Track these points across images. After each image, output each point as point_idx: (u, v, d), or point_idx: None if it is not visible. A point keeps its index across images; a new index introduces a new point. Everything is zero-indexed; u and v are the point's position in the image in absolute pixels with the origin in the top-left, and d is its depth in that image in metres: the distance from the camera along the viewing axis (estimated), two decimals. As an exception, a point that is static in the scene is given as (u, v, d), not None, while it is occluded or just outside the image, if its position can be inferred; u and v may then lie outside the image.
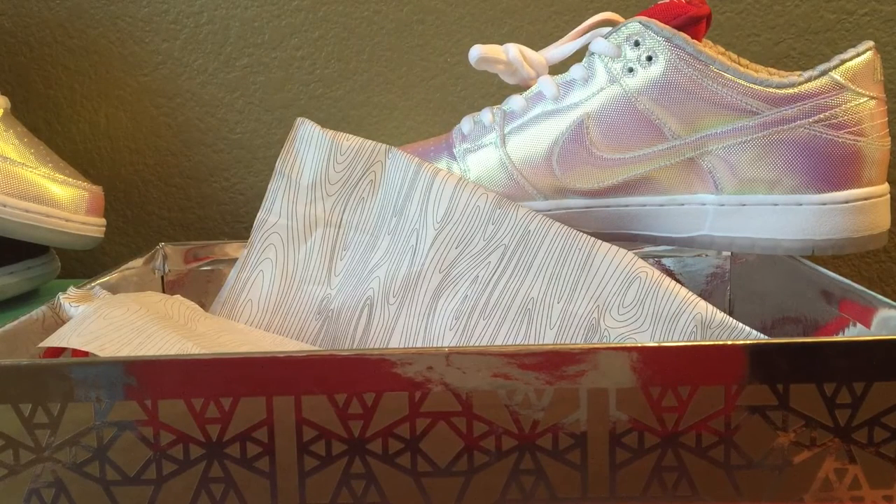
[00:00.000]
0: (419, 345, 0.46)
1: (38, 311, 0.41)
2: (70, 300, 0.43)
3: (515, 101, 0.52)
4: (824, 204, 0.47)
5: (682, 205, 0.49)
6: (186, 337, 0.40)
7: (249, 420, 0.32)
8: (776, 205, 0.47)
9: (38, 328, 0.41)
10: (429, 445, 0.33)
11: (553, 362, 0.32)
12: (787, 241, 0.48)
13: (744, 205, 0.48)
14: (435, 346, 0.44)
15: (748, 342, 0.33)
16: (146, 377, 0.32)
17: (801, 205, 0.47)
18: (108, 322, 0.40)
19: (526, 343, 0.45)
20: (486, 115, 0.52)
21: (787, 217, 0.47)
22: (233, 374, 0.32)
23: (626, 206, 0.50)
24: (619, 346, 0.32)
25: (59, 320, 0.42)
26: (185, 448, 0.32)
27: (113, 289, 0.48)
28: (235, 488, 0.33)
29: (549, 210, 0.50)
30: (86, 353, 0.40)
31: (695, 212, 0.49)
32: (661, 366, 0.32)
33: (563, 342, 0.44)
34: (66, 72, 0.72)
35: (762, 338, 0.42)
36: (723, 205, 0.48)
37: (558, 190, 0.50)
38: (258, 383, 0.32)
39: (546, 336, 0.45)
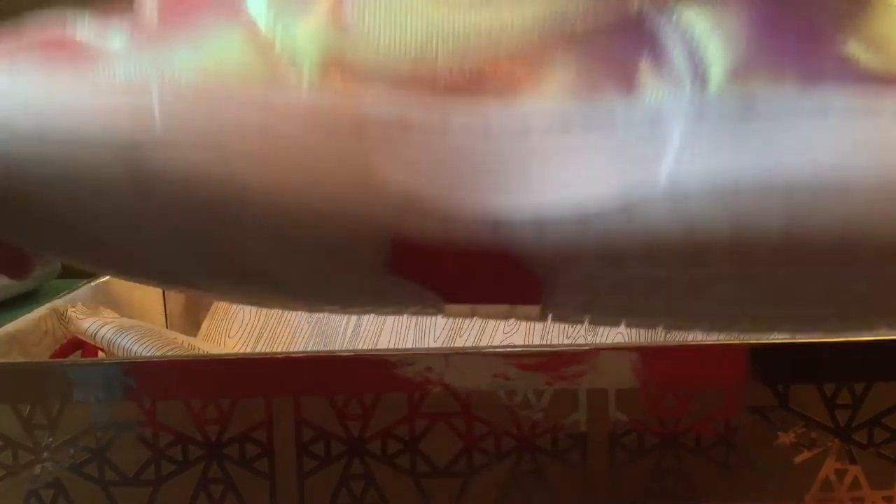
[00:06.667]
0: (410, 341, 0.46)
1: (38, 312, 0.41)
2: (78, 313, 0.42)
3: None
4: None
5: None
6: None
7: (248, 421, 0.32)
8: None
9: (38, 329, 0.41)
10: (428, 446, 0.32)
11: (553, 363, 0.32)
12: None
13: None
14: (428, 344, 0.44)
15: (748, 342, 0.32)
16: (145, 378, 0.32)
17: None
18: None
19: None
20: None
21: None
22: (231, 374, 0.32)
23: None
24: (619, 346, 0.32)
25: (66, 332, 0.42)
26: (184, 449, 0.32)
27: (112, 288, 0.48)
28: (234, 489, 0.32)
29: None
30: (96, 352, 0.40)
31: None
32: (660, 366, 0.32)
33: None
34: (66, 71, 0.72)
35: None
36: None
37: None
38: (257, 384, 0.32)
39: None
